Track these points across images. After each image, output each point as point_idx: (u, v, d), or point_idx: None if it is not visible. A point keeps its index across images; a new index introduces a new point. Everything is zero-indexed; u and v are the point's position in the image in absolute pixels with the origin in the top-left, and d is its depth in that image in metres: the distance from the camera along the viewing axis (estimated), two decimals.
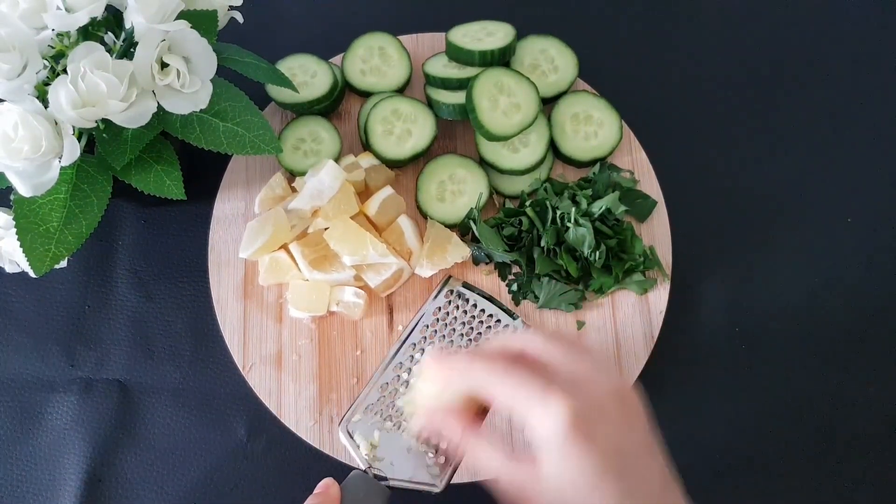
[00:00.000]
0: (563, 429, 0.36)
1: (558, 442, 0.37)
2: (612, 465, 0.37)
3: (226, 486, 0.62)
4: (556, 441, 0.37)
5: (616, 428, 0.38)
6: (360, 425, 0.55)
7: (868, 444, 0.65)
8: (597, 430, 0.37)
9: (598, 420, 0.38)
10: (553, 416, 0.37)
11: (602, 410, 0.38)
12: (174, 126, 0.55)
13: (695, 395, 0.66)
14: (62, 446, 0.63)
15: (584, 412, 0.37)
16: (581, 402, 0.37)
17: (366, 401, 0.55)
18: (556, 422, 0.37)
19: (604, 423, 0.38)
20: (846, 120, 0.76)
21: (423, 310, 0.61)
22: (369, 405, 0.53)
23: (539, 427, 0.37)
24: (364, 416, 0.55)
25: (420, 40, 0.75)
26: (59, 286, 0.68)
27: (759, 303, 0.69)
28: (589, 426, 0.37)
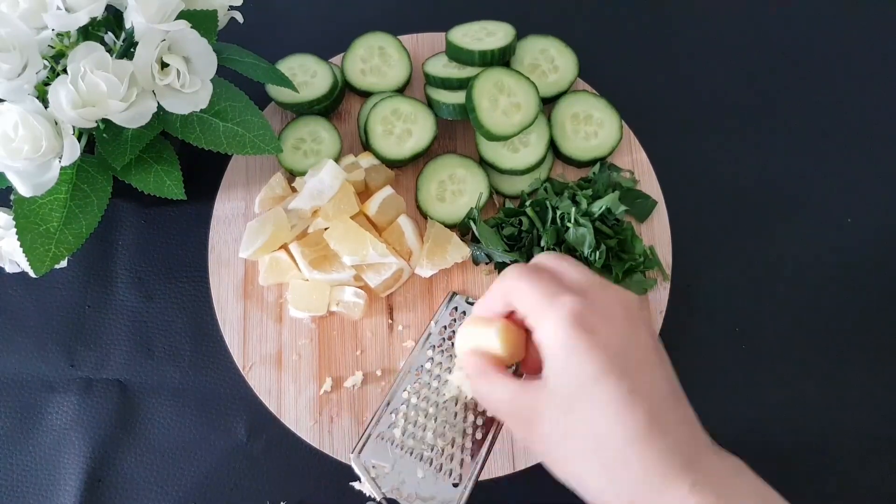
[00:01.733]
0: (567, 325, 0.38)
1: (560, 339, 0.38)
2: (616, 363, 0.38)
3: (226, 486, 0.62)
4: (559, 338, 0.38)
5: (621, 331, 0.39)
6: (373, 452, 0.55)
7: (868, 444, 0.65)
8: (600, 329, 0.38)
9: (601, 321, 0.39)
10: (559, 313, 0.39)
11: (607, 314, 0.40)
12: (174, 126, 0.55)
13: (694, 394, 0.66)
14: (62, 446, 0.63)
15: (588, 312, 0.39)
16: (587, 304, 0.39)
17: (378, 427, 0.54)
18: (561, 319, 0.38)
19: (608, 325, 0.39)
20: (846, 120, 0.76)
21: (428, 329, 0.61)
22: (381, 431, 0.53)
23: (546, 325, 0.39)
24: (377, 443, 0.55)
25: (420, 40, 0.75)
26: (59, 286, 0.68)
27: (758, 302, 0.69)
28: (592, 325, 0.38)
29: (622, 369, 0.38)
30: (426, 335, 0.62)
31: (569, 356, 0.38)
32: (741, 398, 0.66)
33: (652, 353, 0.41)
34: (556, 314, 0.39)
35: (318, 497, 0.62)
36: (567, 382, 0.38)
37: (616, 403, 0.37)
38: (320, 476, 0.63)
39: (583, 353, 0.38)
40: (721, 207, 0.72)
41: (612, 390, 0.37)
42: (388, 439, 0.51)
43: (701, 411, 0.66)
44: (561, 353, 0.39)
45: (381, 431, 0.52)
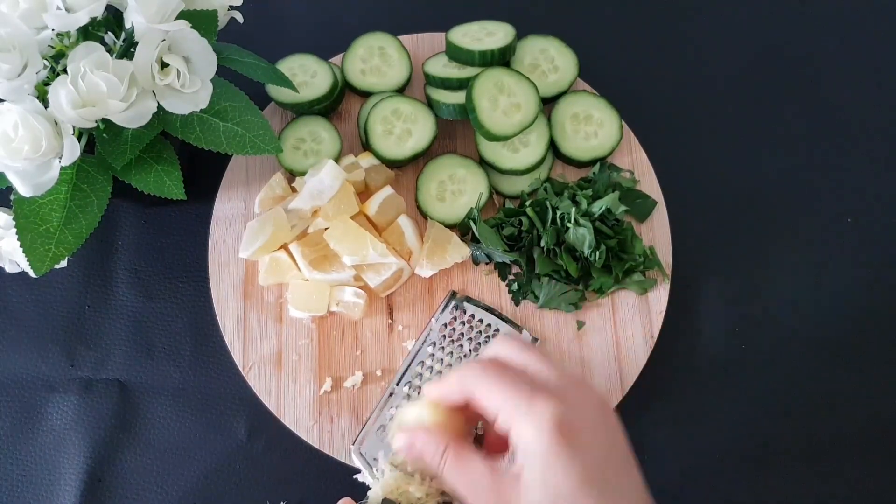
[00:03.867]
0: (548, 433, 0.36)
1: (543, 446, 0.36)
2: (595, 476, 0.36)
3: (226, 486, 0.62)
4: (541, 445, 0.36)
5: (599, 439, 0.38)
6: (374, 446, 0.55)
7: (869, 444, 0.65)
8: (581, 437, 0.37)
9: (582, 428, 0.37)
10: (539, 419, 0.37)
11: (586, 419, 0.38)
12: (174, 126, 0.55)
13: (694, 394, 0.66)
14: (62, 446, 0.63)
15: (569, 419, 0.37)
16: (567, 408, 0.37)
17: (378, 421, 0.55)
18: (542, 425, 0.36)
19: (588, 432, 0.37)
20: (846, 120, 0.76)
21: (429, 327, 0.62)
22: (382, 425, 0.53)
23: (525, 430, 0.37)
24: (377, 435, 0.55)
25: (420, 40, 0.75)
26: (59, 286, 0.68)
27: (758, 303, 0.69)
28: (574, 433, 0.37)
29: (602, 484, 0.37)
30: (426, 332, 0.62)
31: (550, 466, 0.36)
32: (741, 398, 0.66)
33: (627, 459, 0.39)
34: (537, 419, 0.37)
35: (318, 497, 0.62)
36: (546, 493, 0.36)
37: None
38: (320, 476, 0.63)
39: (565, 465, 0.36)
40: (721, 207, 0.72)
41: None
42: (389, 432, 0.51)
43: (700, 411, 0.66)
44: (541, 461, 0.36)
45: (381, 424, 0.52)
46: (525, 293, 0.66)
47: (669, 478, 0.64)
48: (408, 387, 0.53)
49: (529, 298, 0.66)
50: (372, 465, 0.52)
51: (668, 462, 0.64)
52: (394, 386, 0.54)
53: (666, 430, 0.65)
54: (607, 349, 0.64)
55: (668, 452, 0.64)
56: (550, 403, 0.37)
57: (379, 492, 0.45)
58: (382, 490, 0.45)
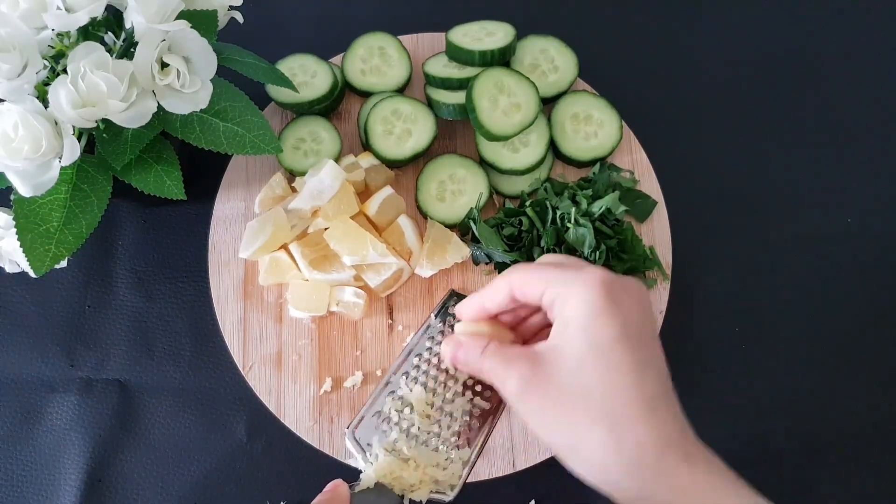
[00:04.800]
0: (596, 289, 0.40)
1: (589, 300, 0.40)
2: (632, 334, 0.40)
3: (226, 486, 0.62)
4: (588, 299, 0.40)
5: (637, 309, 0.41)
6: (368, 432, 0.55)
7: (869, 443, 0.65)
8: (624, 301, 0.40)
9: (624, 296, 0.41)
10: (587, 280, 0.40)
11: (627, 289, 0.41)
12: (174, 126, 0.55)
13: (694, 394, 0.66)
14: (62, 446, 0.63)
15: (614, 284, 0.41)
16: (610, 277, 0.41)
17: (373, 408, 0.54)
18: (590, 283, 0.40)
19: (628, 300, 0.41)
20: (846, 120, 0.76)
21: (428, 321, 0.62)
22: (377, 412, 0.53)
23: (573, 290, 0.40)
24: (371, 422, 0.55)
25: (420, 40, 0.75)
26: (59, 286, 0.68)
27: (758, 302, 0.69)
28: (617, 296, 0.40)
29: (636, 342, 0.40)
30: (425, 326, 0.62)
31: (595, 318, 0.39)
32: (741, 398, 0.66)
33: (656, 333, 0.43)
34: (587, 281, 0.40)
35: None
36: (586, 343, 0.39)
37: (632, 368, 0.39)
38: (320, 476, 0.62)
39: (608, 317, 0.39)
40: (721, 207, 0.72)
41: (629, 356, 0.39)
42: (384, 419, 0.51)
43: (701, 411, 0.66)
44: (586, 314, 0.40)
45: (376, 410, 0.52)
46: None
47: None
48: (405, 377, 0.53)
49: None
50: (366, 451, 0.52)
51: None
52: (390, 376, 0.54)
53: None
54: None
55: None
56: (598, 270, 0.41)
57: (372, 474, 0.45)
58: (376, 473, 0.45)
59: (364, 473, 0.46)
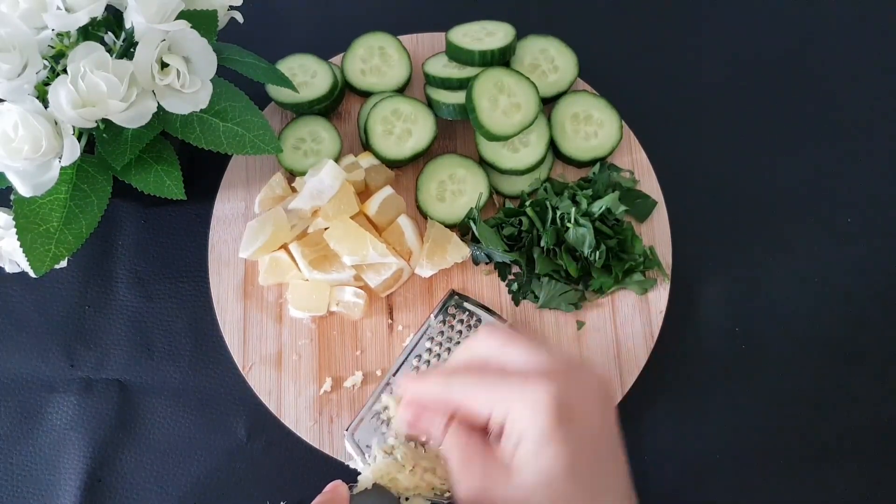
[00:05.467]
0: (544, 412, 0.36)
1: (538, 428, 0.36)
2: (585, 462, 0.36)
3: (226, 486, 0.62)
4: (536, 426, 0.36)
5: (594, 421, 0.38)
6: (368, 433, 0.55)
7: (869, 443, 0.65)
8: (576, 416, 0.36)
9: (577, 407, 0.37)
10: (534, 399, 0.36)
11: (582, 398, 0.38)
12: (174, 126, 0.55)
13: (695, 394, 0.66)
14: (62, 446, 0.63)
15: (565, 397, 0.36)
16: (562, 388, 0.37)
17: (372, 409, 0.55)
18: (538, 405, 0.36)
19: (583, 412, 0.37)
20: (846, 120, 0.76)
21: (427, 322, 0.62)
22: (376, 413, 0.53)
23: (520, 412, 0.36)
24: (371, 423, 0.55)
25: (420, 40, 0.75)
26: (59, 286, 0.68)
27: (759, 302, 0.69)
28: (569, 413, 0.36)
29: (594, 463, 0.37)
30: (425, 327, 0.62)
31: (542, 449, 0.36)
32: (741, 398, 0.66)
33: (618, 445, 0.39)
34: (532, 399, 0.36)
35: None
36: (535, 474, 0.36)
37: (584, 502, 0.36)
38: (320, 476, 0.63)
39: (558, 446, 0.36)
40: (721, 207, 0.72)
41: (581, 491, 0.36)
42: (383, 421, 0.51)
43: (701, 411, 0.66)
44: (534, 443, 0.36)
45: (376, 412, 0.52)
46: (525, 293, 0.66)
47: (669, 478, 0.64)
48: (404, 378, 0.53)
49: (529, 298, 0.66)
50: (365, 452, 0.52)
51: (668, 462, 0.64)
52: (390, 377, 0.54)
53: (666, 430, 0.65)
54: (607, 349, 0.64)
55: (668, 452, 0.64)
56: (546, 383, 0.36)
57: (370, 476, 0.45)
58: (373, 475, 0.45)
59: (362, 475, 0.46)
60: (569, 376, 0.38)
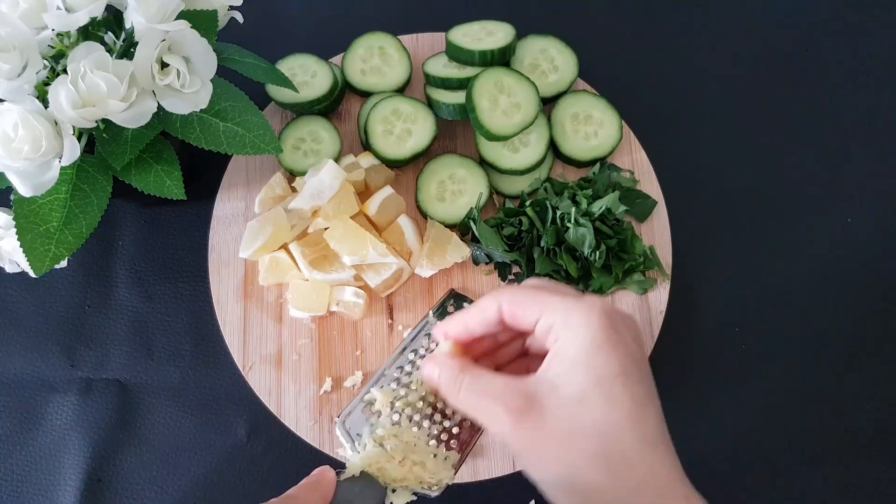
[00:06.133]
0: (598, 319, 0.38)
1: (593, 331, 0.38)
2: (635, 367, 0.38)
3: (226, 486, 0.62)
4: (592, 330, 0.38)
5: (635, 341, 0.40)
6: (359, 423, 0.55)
7: (869, 443, 0.65)
8: (623, 332, 0.39)
9: (623, 327, 0.39)
10: (589, 308, 0.38)
11: (624, 320, 0.40)
12: (174, 126, 0.55)
13: (695, 394, 0.66)
14: (62, 446, 0.63)
15: (613, 314, 0.39)
16: (610, 307, 0.39)
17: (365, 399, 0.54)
18: (592, 312, 0.38)
19: (627, 331, 0.39)
20: (846, 120, 0.76)
21: (426, 319, 0.62)
22: (368, 403, 0.53)
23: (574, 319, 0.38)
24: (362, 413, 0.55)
25: (420, 40, 0.75)
26: (59, 286, 0.68)
27: (759, 303, 0.69)
28: (617, 328, 0.38)
29: (638, 376, 0.38)
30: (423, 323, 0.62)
31: (597, 352, 0.37)
32: (741, 398, 0.66)
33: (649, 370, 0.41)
34: (588, 311, 0.38)
35: None
36: (587, 378, 0.37)
37: (633, 406, 0.37)
38: None
39: (610, 352, 0.37)
40: (721, 207, 0.72)
41: (630, 393, 0.37)
42: (377, 412, 0.51)
43: (701, 411, 0.66)
44: (588, 348, 0.38)
45: (368, 402, 0.52)
46: None
47: None
48: (399, 371, 0.53)
49: None
50: (355, 441, 0.52)
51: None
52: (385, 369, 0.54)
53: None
54: None
55: None
56: (598, 299, 0.40)
57: (358, 463, 0.45)
58: (362, 461, 0.45)
59: (350, 462, 0.46)
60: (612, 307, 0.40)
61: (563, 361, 0.38)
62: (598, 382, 0.37)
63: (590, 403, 0.37)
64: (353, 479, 0.44)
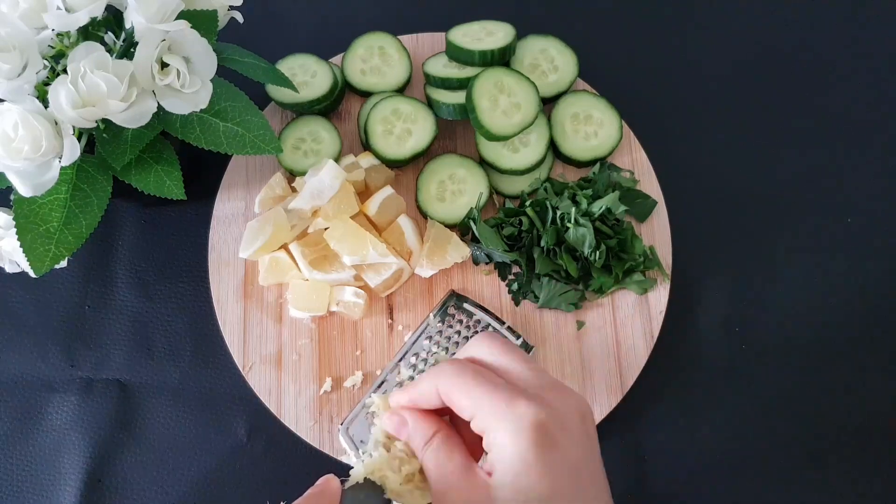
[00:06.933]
0: (526, 437, 0.35)
1: (519, 451, 0.35)
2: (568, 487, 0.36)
3: (226, 486, 0.62)
4: (517, 449, 0.35)
5: (577, 448, 0.37)
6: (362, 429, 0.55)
7: (869, 443, 0.65)
8: (559, 443, 0.36)
9: (560, 435, 0.36)
10: (517, 422, 0.36)
11: (565, 426, 0.37)
12: (174, 126, 0.55)
13: (695, 394, 0.66)
14: (62, 446, 0.63)
15: (548, 424, 0.36)
16: (547, 413, 0.36)
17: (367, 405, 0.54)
18: (520, 429, 0.36)
19: (566, 440, 0.37)
20: (846, 120, 0.76)
21: (427, 321, 0.62)
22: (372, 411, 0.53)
23: (502, 433, 0.36)
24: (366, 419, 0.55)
25: (420, 40, 0.75)
26: (59, 286, 0.68)
27: (758, 303, 0.69)
28: (551, 440, 0.36)
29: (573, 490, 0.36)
30: (424, 326, 0.62)
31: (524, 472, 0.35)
32: (741, 398, 0.66)
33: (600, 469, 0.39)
34: (515, 423, 0.36)
35: None
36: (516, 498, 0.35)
37: None
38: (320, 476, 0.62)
39: (539, 472, 0.35)
40: (721, 207, 0.72)
41: None
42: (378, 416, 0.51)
43: (701, 411, 0.66)
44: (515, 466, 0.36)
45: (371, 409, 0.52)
46: (525, 293, 0.66)
47: (669, 478, 0.64)
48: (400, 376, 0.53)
49: (529, 298, 0.66)
50: (359, 447, 0.52)
51: (668, 462, 0.64)
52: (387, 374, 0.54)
53: (666, 430, 0.65)
54: (607, 349, 0.64)
55: (668, 452, 0.64)
56: (531, 407, 0.36)
57: (361, 470, 0.45)
58: (365, 469, 0.45)
59: (354, 469, 0.46)
60: (553, 401, 0.37)
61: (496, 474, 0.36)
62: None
63: None
64: (358, 487, 0.44)
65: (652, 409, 0.65)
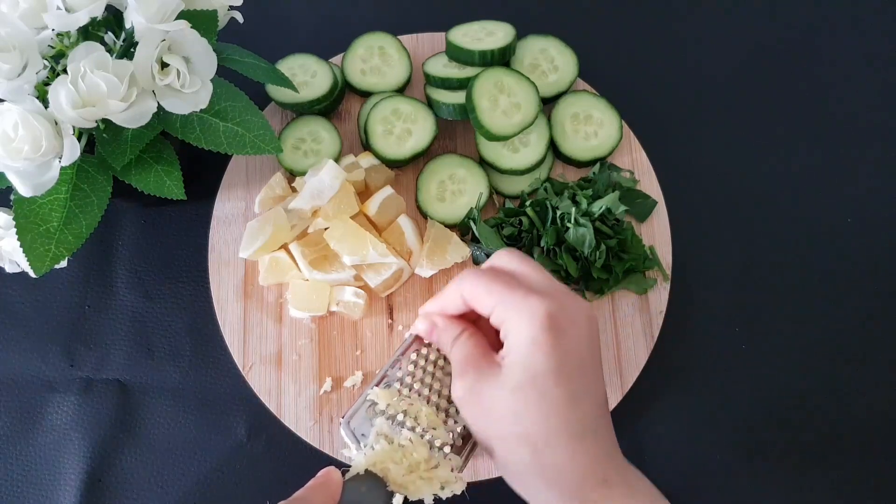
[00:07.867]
0: (538, 322, 0.41)
1: (531, 333, 0.41)
2: (571, 368, 0.42)
3: (226, 486, 0.62)
4: (530, 332, 0.41)
5: (581, 341, 0.43)
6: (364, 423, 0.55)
7: (869, 443, 0.65)
8: (566, 334, 0.42)
9: (568, 327, 0.42)
10: (531, 311, 0.42)
11: (573, 320, 0.43)
12: (174, 126, 0.55)
13: (695, 394, 0.66)
14: (62, 446, 0.63)
15: (558, 316, 0.42)
16: (557, 307, 0.42)
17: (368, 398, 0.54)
18: (534, 316, 0.41)
19: (572, 332, 0.42)
20: (846, 120, 0.76)
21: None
22: (373, 402, 0.53)
23: (517, 320, 0.42)
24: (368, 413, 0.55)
25: (420, 40, 0.75)
26: (59, 286, 0.68)
27: (759, 303, 0.69)
28: (560, 329, 0.42)
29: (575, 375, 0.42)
30: None
31: (533, 351, 0.41)
32: (741, 398, 0.66)
33: (599, 362, 0.45)
34: (529, 311, 0.42)
35: None
36: (522, 373, 0.42)
37: (564, 400, 0.41)
38: None
39: (546, 352, 0.41)
40: (721, 207, 0.72)
41: (563, 389, 0.41)
42: (380, 411, 0.51)
43: (701, 411, 0.66)
44: (526, 345, 0.41)
45: (372, 402, 0.52)
46: None
47: (669, 478, 0.64)
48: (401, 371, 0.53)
49: None
50: (360, 441, 0.52)
51: (668, 462, 0.64)
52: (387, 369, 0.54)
53: (666, 430, 0.65)
54: (607, 349, 0.64)
55: (668, 452, 0.64)
56: (544, 300, 0.42)
57: (363, 461, 0.45)
58: (366, 460, 0.45)
59: (355, 460, 0.46)
60: (564, 300, 0.43)
61: (510, 355, 0.43)
62: (532, 378, 0.41)
63: (523, 395, 0.41)
64: (359, 479, 0.44)
65: (652, 409, 0.66)
